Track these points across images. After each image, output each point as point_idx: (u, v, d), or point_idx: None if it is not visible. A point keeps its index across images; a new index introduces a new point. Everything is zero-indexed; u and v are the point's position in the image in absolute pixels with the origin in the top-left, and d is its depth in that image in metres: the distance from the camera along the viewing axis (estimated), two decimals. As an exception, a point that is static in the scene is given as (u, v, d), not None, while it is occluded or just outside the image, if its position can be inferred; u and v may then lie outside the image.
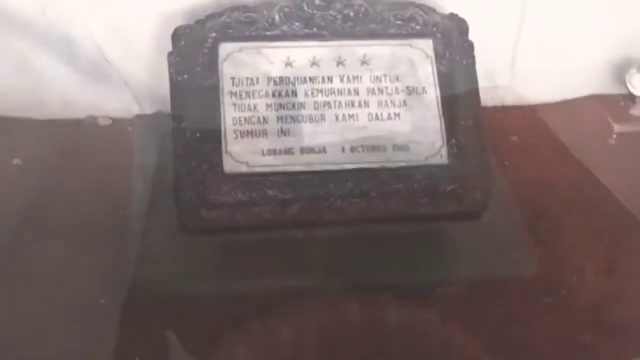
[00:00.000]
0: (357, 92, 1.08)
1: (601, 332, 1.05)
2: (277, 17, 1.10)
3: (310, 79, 1.08)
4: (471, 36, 1.15)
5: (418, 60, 1.11)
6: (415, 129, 1.07)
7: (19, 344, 0.97)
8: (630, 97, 1.39)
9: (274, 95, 1.06)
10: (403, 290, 1.01)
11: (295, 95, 1.07)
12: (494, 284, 1.09)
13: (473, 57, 1.13)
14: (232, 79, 1.06)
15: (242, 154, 1.03)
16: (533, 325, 1.06)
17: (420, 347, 0.93)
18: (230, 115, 1.04)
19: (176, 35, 1.09)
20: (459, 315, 1.01)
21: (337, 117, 1.06)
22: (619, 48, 1.39)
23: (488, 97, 1.34)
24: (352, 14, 1.11)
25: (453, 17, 1.15)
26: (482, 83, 1.14)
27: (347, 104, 1.07)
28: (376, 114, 1.07)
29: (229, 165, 1.02)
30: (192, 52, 1.07)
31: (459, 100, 1.10)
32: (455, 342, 0.93)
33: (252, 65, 1.07)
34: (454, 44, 1.13)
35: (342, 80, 1.08)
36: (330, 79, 1.08)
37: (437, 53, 1.12)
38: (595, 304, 1.09)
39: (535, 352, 1.03)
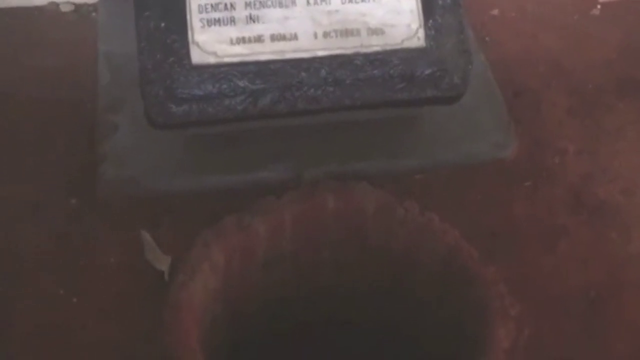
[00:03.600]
0: (328, -28, 1.03)
1: (581, 214, 1.05)
2: None
3: (279, -42, 1.03)
4: None
5: None
6: (391, 10, 1.02)
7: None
8: (617, -37, 1.34)
9: (240, -22, 1.01)
10: (380, 179, 0.99)
11: (264, -22, 1.02)
12: (473, 168, 1.08)
13: None
14: (197, -39, 1.01)
15: (210, 44, 0.98)
16: (512, 209, 1.05)
17: (397, 236, 0.91)
18: (195, 2, 0.99)
19: None
20: (437, 202, 1.00)
21: (308, 1, 1.01)
22: None
23: (467, -32, 1.30)
24: None
25: None
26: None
27: (318, -15, 1.02)
28: (349, -4, 1.03)
29: (197, 57, 0.97)
30: None
31: (436, -25, 1.05)
32: (433, 230, 0.92)
33: (217, -55, 1.02)
34: None
35: (312, -42, 1.03)
36: (300, -42, 1.03)
37: None
38: (576, 185, 1.08)
39: (514, 236, 1.03)
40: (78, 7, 1.21)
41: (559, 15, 1.28)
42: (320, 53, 1.01)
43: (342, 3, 1.02)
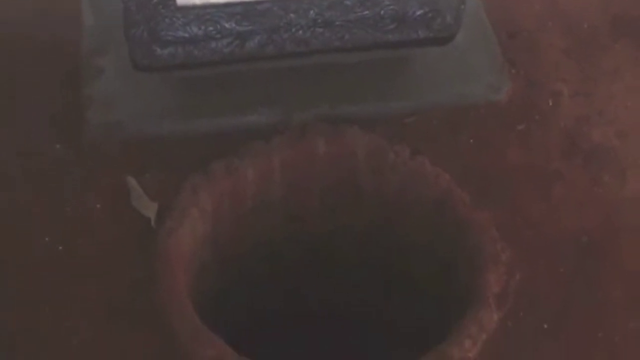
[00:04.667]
0: None
1: (576, 158, 1.03)
2: None
3: None
4: None
5: None
6: (381, -53, 1.00)
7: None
8: None
9: None
10: (371, 121, 0.98)
11: None
12: (465, 110, 1.06)
13: None
14: None
15: (195, -16, 0.96)
16: (506, 152, 1.04)
17: (389, 181, 0.90)
18: (180, -61, 0.97)
19: None
20: (429, 145, 0.98)
21: (296, -62, 0.99)
22: None
23: None
24: None
25: None
26: None
27: None
28: None
29: (182, -3, 0.96)
30: None
31: None
32: (424, 174, 0.90)
33: None
34: None
35: None
36: None
37: None
38: (570, 128, 1.06)
39: (507, 180, 1.01)
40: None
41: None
42: (309, -7, 0.99)
43: (332, -59, 1.00)
